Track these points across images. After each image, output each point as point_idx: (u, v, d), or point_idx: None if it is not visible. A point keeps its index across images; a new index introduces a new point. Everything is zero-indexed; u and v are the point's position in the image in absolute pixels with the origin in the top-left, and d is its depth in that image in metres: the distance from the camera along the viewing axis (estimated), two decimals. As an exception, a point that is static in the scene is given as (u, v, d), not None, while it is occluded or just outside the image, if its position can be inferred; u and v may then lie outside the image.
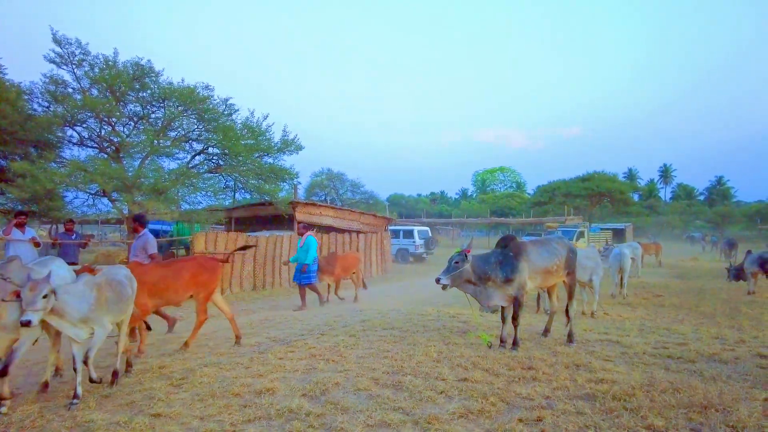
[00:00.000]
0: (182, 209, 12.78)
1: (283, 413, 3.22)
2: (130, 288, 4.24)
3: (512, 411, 3.29)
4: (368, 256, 17.09)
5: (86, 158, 12.07)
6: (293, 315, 7.78)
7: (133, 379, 4.15)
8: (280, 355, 4.73)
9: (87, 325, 3.68)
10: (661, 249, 22.70)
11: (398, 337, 5.44)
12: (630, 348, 5.15)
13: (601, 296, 10.22)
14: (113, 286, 3.99)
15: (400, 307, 8.49)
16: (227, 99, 13.86)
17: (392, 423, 3.06)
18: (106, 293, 3.86)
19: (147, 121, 13.23)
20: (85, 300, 3.67)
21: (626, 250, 11.59)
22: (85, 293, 3.70)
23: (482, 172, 71.20)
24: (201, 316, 5.51)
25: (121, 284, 4.10)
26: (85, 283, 3.80)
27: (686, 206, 54.23)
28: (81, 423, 3.16)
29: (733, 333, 6.48)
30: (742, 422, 3.02)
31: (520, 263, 5.05)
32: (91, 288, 3.77)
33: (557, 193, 34.34)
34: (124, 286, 4.12)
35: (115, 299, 3.95)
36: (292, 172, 14.95)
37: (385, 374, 4.03)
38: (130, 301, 4.26)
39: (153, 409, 3.33)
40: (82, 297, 3.66)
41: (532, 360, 4.50)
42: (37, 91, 12.08)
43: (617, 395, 3.49)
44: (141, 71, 12.41)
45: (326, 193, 35.75)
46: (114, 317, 3.99)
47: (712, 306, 9.76)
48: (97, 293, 3.78)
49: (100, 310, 3.75)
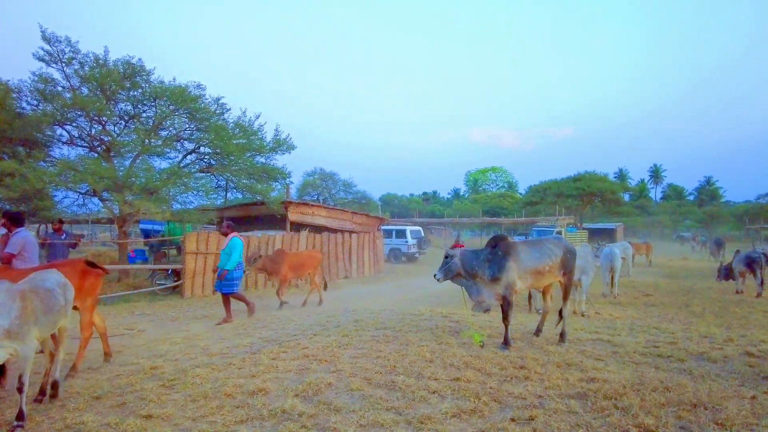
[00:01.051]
0: (173, 209, 12.71)
1: (275, 414, 3.21)
2: (63, 297, 3.72)
3: (504, 410, 3.31)
4: (361, 256, 17.10)
5: (76, 157, 11.99)
6: (286, 315, 7.76)
7: (125, 380, 4.12)
8: (273, 356, 4.72)
9: (9, 341, 3.08)
10: (652, 249, 22.92)
11: (391, 337, 5.45)
12: (621, 347, 5.20)
13: (593, 296, 10.30)
14: (41, 295, 3.46)
15: (393, 306, 8.51)
16: (219, 98, 13.86)
17: (385, 423, 3.06)
18: (33, 303, 3.33)
19: (138, 120, 13.16)
20: (5, 312, 3.10)
21: (617, 250, 11.69)
22: (5, 304, 3.13)
23: (474, 172, 71.52)
24: (86, 332, 4.69)
25: (50, 293, 3.57)
26: (5, 291, 3.20)
27: (676, 206, 54.82)
28: (71, 425, 3.13)
29: (722, 332, 6.56)
30: (731, 420, 3.06)
31: (508, 263, 5.08)
32: (14, 298, 3.21)
33: (549, 193, 34.50)
34: (54, 295, 3.60)
35: (44, 310, 3.43)
36: (284, 172, 14.96)
37: (377, 374, 4.03)
38: (63, 312, 3.72)
39: (145, 411, 3.31)
40: (1, 308, 3.09)
41: (525, 359, 4.52)
42: (26, 90, 11.99)
43: (608, 394, 3.52)
44: (132, 70, 12.35)
45: (319, 193, 35.71)
46: (42, 331, 3.44)
47: (702, 305, 9.87)
48: (22, 303, 3.23)
49: (25, 323, 3.20)
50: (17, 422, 3.11)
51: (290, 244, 14.08)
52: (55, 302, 3.60)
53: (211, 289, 11.85)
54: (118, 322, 7.95)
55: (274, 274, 9.45)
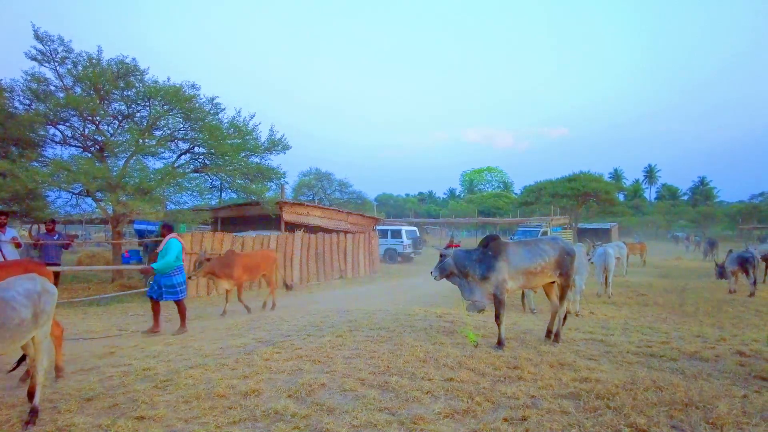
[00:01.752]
0: (168, 209, 12.65)
1: (268, 414, 3.20)
2: (29, 308, 3.29)
3: (497, 410, 3.31)
4: (356, 256, 17.10)
5: (69, 157, 11.91)
6: (279, 316, 7.73)
7: (117, 381, 4.09)
8: (266, 356, 4.70)
9: None
10: (646, 249, 23.03)
11: (385, 338, 5.44)
12: (614, 347, 5.22)
13: (587, 296, 10.34)
14: None
15: (388, 307, 8.50)
16: (214, 98, 13.80)
17: (378, 423, 3.06)
18: None
19: (132, 120, 13.09)
20: None
21: (611, 250, 11.74)
22: None
23: (470, 172, 71.73)
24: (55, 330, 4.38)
25: (8, 305, 3.16)
26: None
27: (670, 206, 55.19)
28: (62, 427, 3.11)
29: (715, 331, 6.60)
30: (722, 419, 3.07)
31: (498, 263, 5.12)
32: None
33: (544, 193, 34.60)
34: (11, 307, 3.17)
35: None
36: (279, 172, 14.91)
37: (371, 375, 4.03)
38: (28, 326, 3.29)
39: (136, 412, 3.29)
40: None
41: (518, 359, 4.53)
42: (18, 89, 11.88)
43: (601, 394, 3.53)
44: (126, 69, 12.28)
45: (314, 193, 35.67)
46: (3, 346, 3.15)
47: (695, 305, 9.93)
48: None
49: None
50: None
51: (285, 245, 14.06)
52: (13, 315, 3.15)
53: (206, 290, 11.82)
54: (111, 322, 7.91)
55: (226, 278, 8.59)
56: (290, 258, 14.28)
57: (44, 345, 3.50)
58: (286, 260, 14.14)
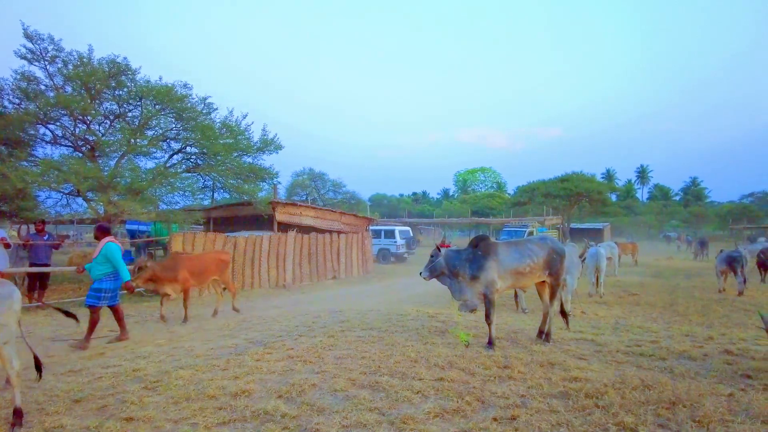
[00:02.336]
0: (159, 209, 12.58)
1: (258, 415, 3.20)
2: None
3: (487, 410, 3.33)
4: (349, 257, 17.09)
5: (60, 157, 11.81)
6: (271, 316, 7.72)
7: (106, 382, 4.07)
8: (257, 357, 4.69)
9: None
10: (638, 249, 23.18)
11: (377, 338, 5.45)
12: (604, 346, 5.25)
13: (579, 295, 10.40)
14: None
15: (380, 307, 8.51)
16: (206, 98, 13.74)
17: (368, 423, 3.06)
18: None
19: (123, 120, 13.00)
20: None
21: (603, 250, 11.82)
22: None
23: (463, 172, 71.91)
24: None
25: None
26: None
27: (662, 206, 55.64)
28: (50, 428, 3.09)
29: (703, 330, 6.66)
30: (708, 417, 3.10)
31: (487, 262, 5.15)
32: None
33: (537, 193, 34.75)
34: None
35: None
36: (271, 172, 14.88)
37: (362, 375, 4.03)
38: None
39: (125, 413, 3.27)
40: None
41: (508, 359, 4.55)
42: (8, 88, 11.79)
43: (590, 393, 3.56)
44: (117, 69, 12.20)
45: (307, 193, 35.64)
46: None
47: (685, 304, 10.02)
48: None
49: None
50: None
51: (277, 245, 14.03)
52: None
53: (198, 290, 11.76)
54: (101, 323, 7.83)
55: (170, 282, 7.73)
56: (283, 258, 14.25)
57: (4, 352, 3.25)
58: (279, 261, 14.11)
